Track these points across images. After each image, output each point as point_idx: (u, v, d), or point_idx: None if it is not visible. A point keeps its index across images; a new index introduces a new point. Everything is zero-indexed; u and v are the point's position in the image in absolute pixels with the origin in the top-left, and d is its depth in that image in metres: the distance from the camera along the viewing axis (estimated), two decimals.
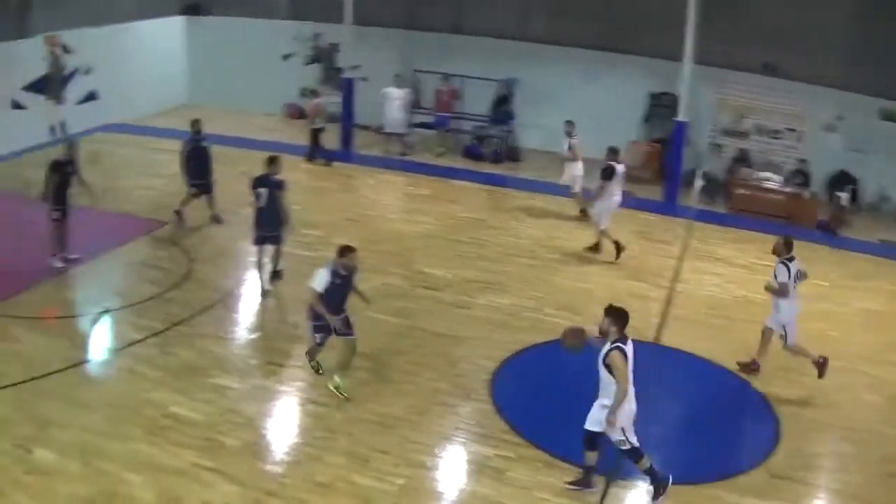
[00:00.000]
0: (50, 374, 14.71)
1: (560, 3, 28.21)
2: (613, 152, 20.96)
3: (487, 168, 27.38)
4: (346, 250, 13.85)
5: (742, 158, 26.40)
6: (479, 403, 14.17)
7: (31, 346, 15.66)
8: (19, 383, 14.39)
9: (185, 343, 15.90)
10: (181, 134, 27.83)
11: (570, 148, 23.26)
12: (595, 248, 20.95)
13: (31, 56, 28.50)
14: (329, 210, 22.83)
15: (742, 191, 25.03)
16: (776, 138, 26.53)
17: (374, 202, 23.56)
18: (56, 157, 18.98)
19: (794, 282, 15.22)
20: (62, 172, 18.69)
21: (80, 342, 16.24)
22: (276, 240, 18.56)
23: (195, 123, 22.09)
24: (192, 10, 34.57)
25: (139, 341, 15.95)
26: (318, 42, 32.11)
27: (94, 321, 17.05)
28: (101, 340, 16.44)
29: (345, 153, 28.14)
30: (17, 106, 27.75)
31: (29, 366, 14.90)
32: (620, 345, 11.48)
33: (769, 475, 12.88)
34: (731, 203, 25.11)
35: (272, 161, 18.44)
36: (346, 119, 28.64)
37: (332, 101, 30.99)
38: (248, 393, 14.20)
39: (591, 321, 15.90)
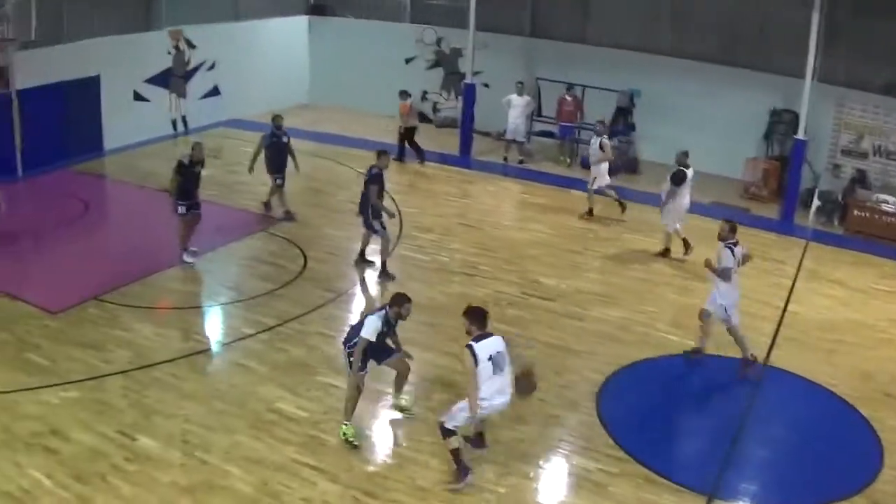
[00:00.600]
0: (158, 363, 14.95)
1: (684, 15, 27.74)
2: (684, 155, 20.78)
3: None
4: (401, 300, 13.02)
5: (860, 179, 25.59)
6: (585, 416, 13.92)
7: (141, 336, 15.95)
8: (127, 371, 14.66)
9: (295, 340, 15.95)
10: (301, 133, 28.21)
11: (601, 147, 23.08)
12: (665, 253, 20.99)
13: (155, 49, 29.03)
14: (444, 214, 22.78)
15: (859, 212, 24.22)
16: None
17: (489, 208, 23.43)
18: (181, 159, 19.24)
19: (737, 266, 15.33)
20: (185, 174, 18.97)
21: (191, 334, 16.44)
22: (364, 224, 18.84)
23: (276, 118, 22.47)
24: (317, 10, 34.97)
25: (250, 336, 16.09)
26: (440, 46, 32.11)
27: (206, 314, 17.27)
28: (211, 333, 16.60)
29: (463, 159, 28.06)
30: (139, 98, 28.26)
31: (138, 354, 15.20)
32: (472, 343, 11.65)
33: (869, 503, 12.43)
34: (848, 225, 24.34)
35: (379, 155, 18.85)
36: (466, 124, 28.56)
37: (451, 105, 31.03)
38: None
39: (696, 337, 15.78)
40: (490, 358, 11.71)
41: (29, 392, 13.94)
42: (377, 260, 19.17)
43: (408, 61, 32.63)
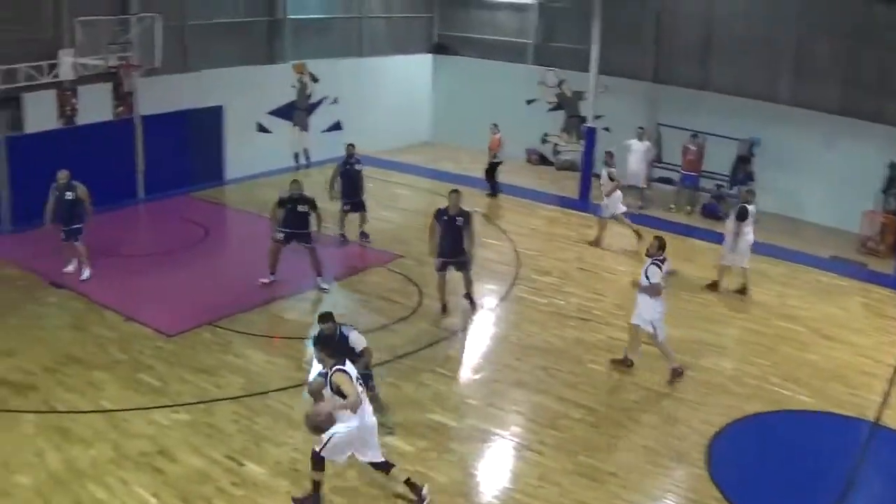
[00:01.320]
0: (270, 391, 15.00)
1: (807, 65, 27.20)
2: (749, 193, 20.90)
3: (724, 228, 26.39)
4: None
5: None
6: (693, 468, 13.51)
7: (254, 363, 16.10)
8: (239, 397, 14.75)
9: (407, 376, 15.84)
10: (422, 171, 28.24)
11: (609, 177, 23.28)
12: (742, 290, 20.80)
13: (279, 81, 29.44)
14: (563, 258, 22.55)
15: None
16: None
17: (606, 253, 23.11)
18: (280, 193, 19.70)
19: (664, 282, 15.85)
20: (286, 208, 19.44)
21: (303, 364, 16.34)
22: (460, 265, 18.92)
23: (349, 147, 23.09)
24: (441, 49, 35.12)
25: None
26: (562, 89, 31.98)
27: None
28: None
29: (582, 202, 27.76)
30: (262, 129, 28.62)
31: (250, 381, 15.33)
32: (340, 367, 11.40)
33: None
34: None
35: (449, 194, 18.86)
36: (586, 168, 28.29)
37: (571, 148, 30.88)
38: (464, 432, 13.97)
39: (811, 393, 15.37)
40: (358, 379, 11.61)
41: (140, 412, 14.13)
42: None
43: (529, 103, 32.53)
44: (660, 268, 15.75)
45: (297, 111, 30.40)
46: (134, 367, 15.69)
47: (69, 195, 18.97)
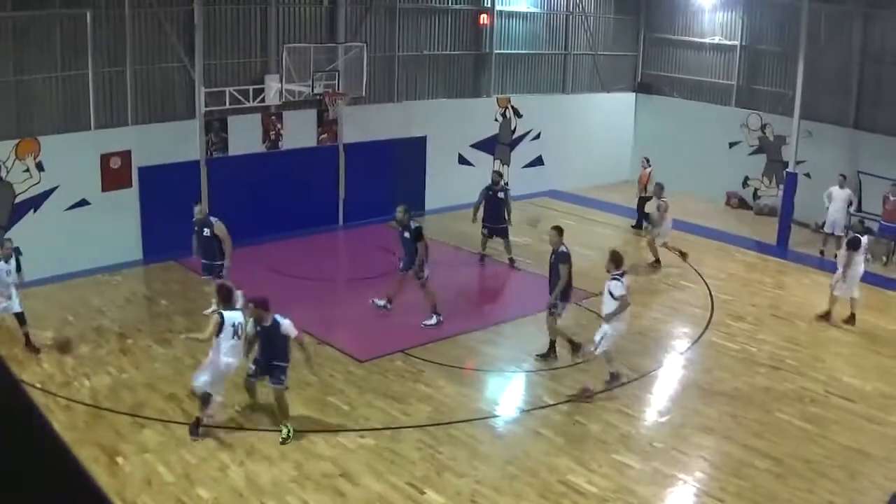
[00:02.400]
0: (457, 422, 14.91)
1: None
2: (860, 223, 21.56)
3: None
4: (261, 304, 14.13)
5: None
6: None
7: (443, 392, 16.07)
8: (425, 426, 14.68)
9: (594, 415, 15.52)
10: (621, 209, 27.87)
11: (658, 209, 23.63)
12: (850, 320, 20.53)
13: (482, 115, 29.63)
14: (757, 304, 21.86)
15: None
16: None
17: (802, 301, 22.25)
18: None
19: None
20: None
21: (491, 397, 16.38)
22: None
23: (495, 175, 23.83)
24: (644, 88, 34.74)
25: (549, 406, 15.81)
26: (764, 133, 31.17)
27: (509, 379, 17.18)
28: (511, 399, 16.45)
29: (780, 248, 26.88)
30: (464, 161, 28.73)
31: (438, 410, 15.30)
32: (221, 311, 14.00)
33: None
34: None
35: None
36: (785, 214, 27.43)
37: (772, 193, 30.09)
38: (648, 475, 13.58)
39: None
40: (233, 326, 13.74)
41: (326, 434, 14.22)
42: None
43: (731, 145, 31.83)
44: (620, 282, 16.08)
45: (499, 145, 30.50)
46: (324, 390, 15.86)
47: (206, 231, 18.54)
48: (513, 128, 30.86)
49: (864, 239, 20.45)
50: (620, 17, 34.03)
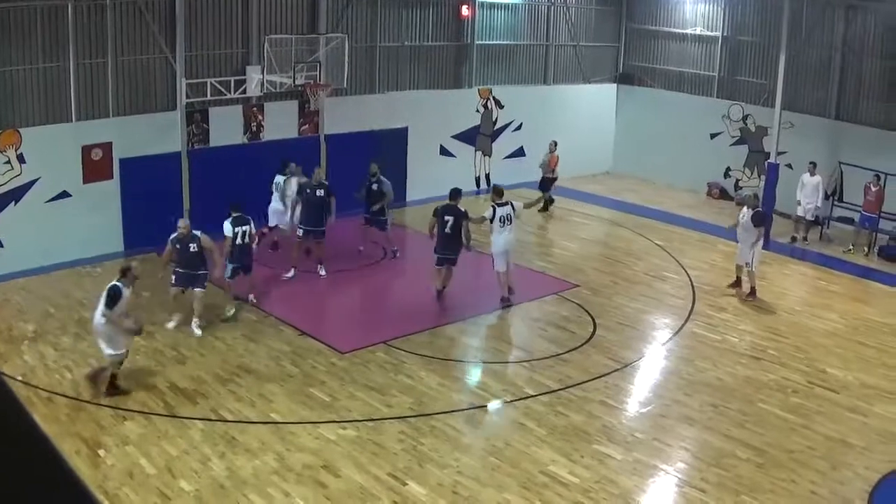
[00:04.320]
0: (438, 413, 14.92)
1: None
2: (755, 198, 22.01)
3: None
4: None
5: None
6: None
7: (425, 384, 16.06)
8: (407, 417, 14.71)
9: (576, 406, 15.53)
10: (603, 200, 27.95)
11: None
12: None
13: (463, 106, 29.69)
14: (739, 294, 21.93)
15: None
16: None
17: (783, 292, 22.32)
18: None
19: (500, 223, 19.68)
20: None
21: (474, 388, 16.40)
22: (452, 262, 20.22)
23: (373, 166, 23.17)
24: (625, 79, 34.77)
25: (531, 397, 15.81)
26: (746, 124, 31.20)
27: (491, 370, 17.22)
28: (493, 390, 16.43)
29: (763, 240, 26.93)
30: (445, 153, 28.74)
31: (419, 402, 15.32)
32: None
33: None
34: None
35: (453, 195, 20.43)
36: (767, 205, 27.42)
37: (753, 184, 30.19)
38: (629, 466, 13.61)
39: None
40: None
41: (308, 426, 14.26)
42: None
43: (713, 136, 31.87)
44: (494, 209, 19.66)
45: (480, 136, 30.51)
46: (305, 382, 15.89)
47: (192, 247, 17.77)
48: (494, 119, 30.89)
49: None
50: (602, 7, 34.06)
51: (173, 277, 17.96)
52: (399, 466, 13.13)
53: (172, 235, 17.87)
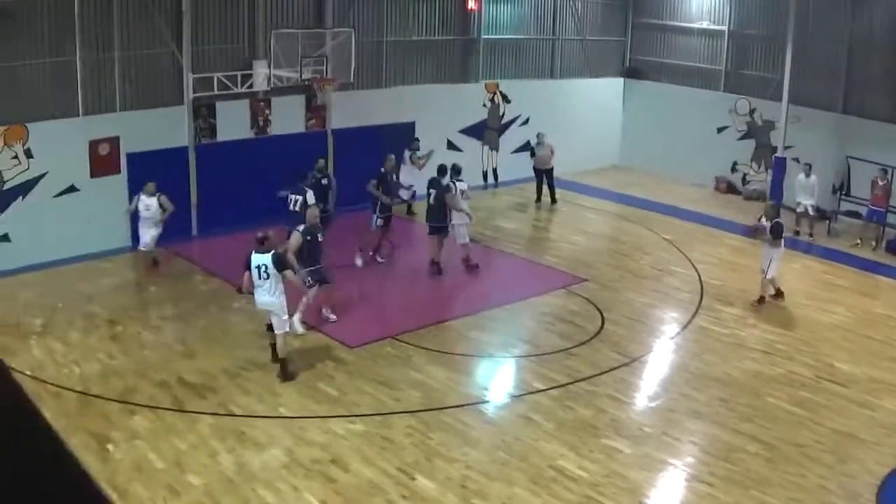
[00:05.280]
0: (447, 407, 14.93)
1: None
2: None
3: None
4: None
5: None
6: None
7: (433, 378, 16.07)
8: (416, 411, 14.71)
9: (584, 400, 15.52)
10: (610, 195, 27.96)
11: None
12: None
13: (471, 100, 29.67)
14: (747, 289, 21.77)
15: None
16: None
17: (791, 286, 22.26)
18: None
19: (462, 197, 21.47)
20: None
21: (482, 382, 16.41)
22: (437, 231, 21.51)
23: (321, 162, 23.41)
24: (632, 73, 34.71)
25: (540, 391, 15.79)
26: (753, 118, 31.12)
27: (500, 364, 17.22)
28: (502, 384, 16.49)
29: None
30: (452, 147, 28.73)
31: (428, 396, 15.31)
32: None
33: None
34: None
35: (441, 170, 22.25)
36: (775, 199, 27.32)
37: (760, 178, 30.15)
38: (638, 460, 13.60)
39: None
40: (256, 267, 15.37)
41: (316, 420, 14.27)
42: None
43: (720, 130, 31.80)
44: (455, 187, 21.46)
45: (487, 130, 30.48)
46: (314, 376, 15.88)
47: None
48: (501, 113, 30.83)
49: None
50: (608, 1, 33.94)
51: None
52: (407, 461, 13.13)
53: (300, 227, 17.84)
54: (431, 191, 21.59)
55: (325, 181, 22.66)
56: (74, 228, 21.14)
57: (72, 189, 21.49)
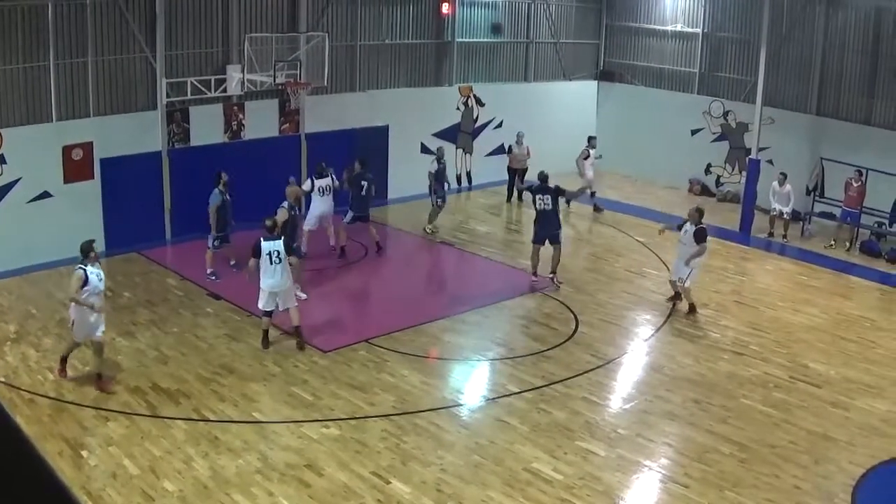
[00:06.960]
0: (421, 411, 14.95)
1: None
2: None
3: (884, 267, 25.27)
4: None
5: None
6: None
7: (407, 382, 16.10)
8: (390, 415, 14.74)
9: (559, 403, 15.58)
10: (584, 197, 28.05)
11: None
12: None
13: (444, 104, 29.72)
14: (720, 290, 21.96)
15: None
16: None
17: (765, 287, 22.34)
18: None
19: (319, 193, 22.22)
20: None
21: (456, 386, 16.45)
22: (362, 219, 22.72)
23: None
24: (606, 76, 34.82)
25: (514, 394, 15.85)
26: (727, 120, 31.25)
27: (474, 368, 17.26)
28: (476, 387, 16.51)
29: (743, 235, 26.89)
30: (426, 151, 28.76)
31: (402, 400, 15.34)
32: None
33: None
34: None
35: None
36: (749, 201, 27.47)
37: (734, 180, 30.32)
38: (612, 462, 13.66)
39: None
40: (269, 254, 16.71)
41: (291, 425, 14.28)
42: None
43: (694, 133, 31.92)
44: (313, 181, 22.07)
45: (461, 134, 30.51)
46: (288, 381, 15.91)
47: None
48: (475, 116, 30.88)
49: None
50: (582, 4, 34.01)
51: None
52: (382, 465, 13.16)
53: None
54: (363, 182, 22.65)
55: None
56: (48, 235, 21.04)
57: (45, 195, 21.40)
